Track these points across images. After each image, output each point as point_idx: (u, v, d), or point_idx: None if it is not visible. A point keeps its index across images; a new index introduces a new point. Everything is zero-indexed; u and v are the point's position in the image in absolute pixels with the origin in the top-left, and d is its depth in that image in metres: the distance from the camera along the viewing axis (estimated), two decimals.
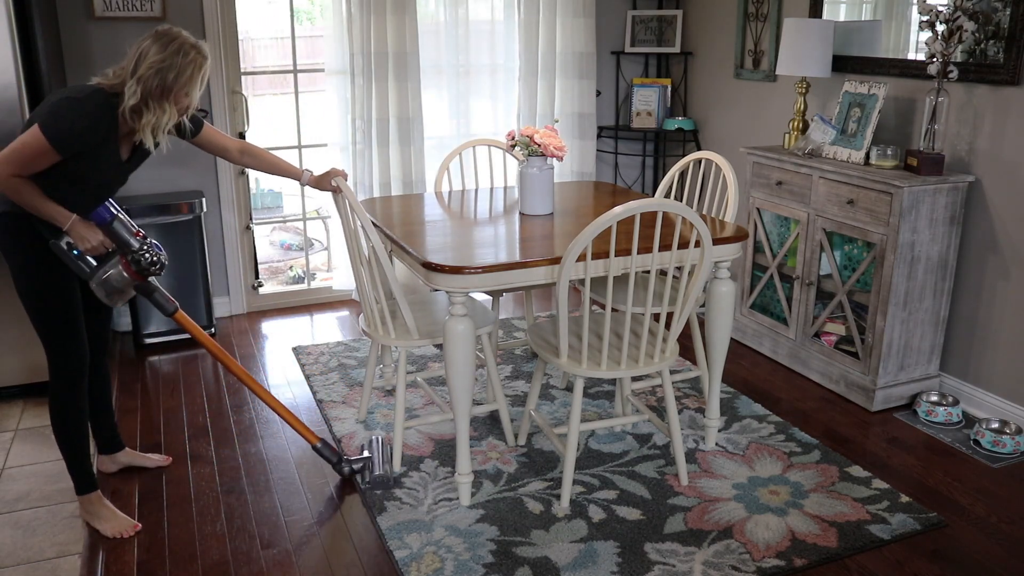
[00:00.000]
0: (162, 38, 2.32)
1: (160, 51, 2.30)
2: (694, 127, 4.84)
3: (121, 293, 2.50)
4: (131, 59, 2.32)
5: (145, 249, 2.47)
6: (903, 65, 3.50)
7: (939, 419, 3.28)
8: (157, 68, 2.29)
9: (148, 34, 2.35)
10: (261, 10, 7.00)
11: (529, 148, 2.98)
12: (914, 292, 3.29)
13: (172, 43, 2.32)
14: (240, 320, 4.46)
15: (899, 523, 2.62)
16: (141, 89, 2.29)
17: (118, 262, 2.46)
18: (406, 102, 4.37)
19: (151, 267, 2.49)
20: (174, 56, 2.30)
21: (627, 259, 2.55)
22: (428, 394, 3.19)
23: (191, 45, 2.34)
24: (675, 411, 2.76)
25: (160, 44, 2.31)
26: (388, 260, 2.75)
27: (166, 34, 2.34)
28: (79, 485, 2.62)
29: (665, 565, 2.42)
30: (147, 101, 2.30)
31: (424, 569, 2.40)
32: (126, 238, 2.44)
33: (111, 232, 2.41)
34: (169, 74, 2.30)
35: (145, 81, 2.28)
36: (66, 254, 2.39)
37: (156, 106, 2.32)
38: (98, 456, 2.94)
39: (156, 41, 2.32)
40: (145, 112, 2.31)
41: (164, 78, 2.30)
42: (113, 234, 2.42)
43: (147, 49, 2.31)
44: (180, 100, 2.37)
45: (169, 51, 2.30)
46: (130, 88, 2.29)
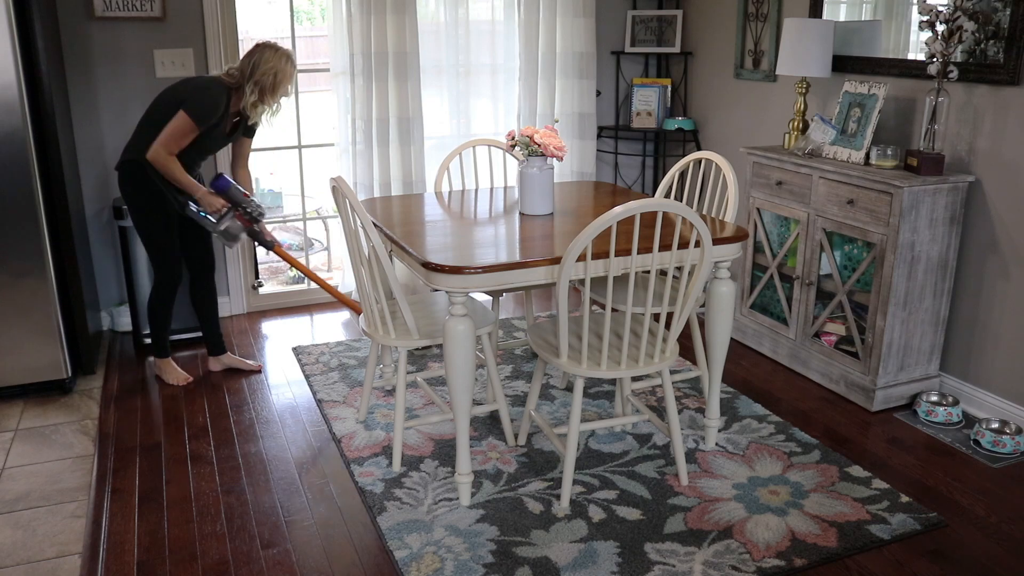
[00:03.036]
0: (269, 49, 3.28)
1: (270, 59, 3.25)
2: (694, 127, 4.84)
3: (236, 238, 3.44)
4: (247, 66, 3.26)
5: (250, 203, 3.42)
6: (903, 65, 3.50)
7: (939, 419, 3.28)
8: (268, 71, 3.25)
9: (257, 47, 3.29)
10: (261, 10, 7.01)
11: (529, 148, 2.98)
12: (914, 292, 3.29)
13: (276, 52, 3.27)
14: (240, 320, 4.46)
15: (899, 523, 2.62)
16: (258, 88, 3.26)
17: (233, 215, 3.40)
18: (406, 102, 4.37)
19: (258, 216, 3.45)
20: (278, 62, 3.26)
21: (627, 259, 2.55)
22: (428, 394, 3.19)
23: (286, 54, 3.30)
24: (675, 411, 2.76)
25: (269, 53, 3.26)
26: (388, 260, 2.75)
27: (271, 46, 3.30)
28: (157, 352, 3.68)
29: (665, 565, 2.42)
30: (263, 96, 3.28)
31: (424, 569, 2.40)
32: (239, 198, 3.40)
33: (228, 196, 3.38)
34: (276, 76, 3.26)
35: (260, 82, 3.26)
36: (195, 214, 3.37)
37: (269, 98, 3.31)
38: (208, 358, 3.83)
39: (265, 51, 3.27)
40: (260, 104, 3.30)
41: (274, 78, 3.26)
42: (230, 197, 3.38)
43: (258, 59, 3.25)
44: (280, 94, 3.32)
45: (278, 57, 3.26)
46: (249, 88, 3.27)
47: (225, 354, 3.81)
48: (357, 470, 2.94)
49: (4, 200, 3.27)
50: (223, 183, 3.36)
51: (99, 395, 3.55)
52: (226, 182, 3.37)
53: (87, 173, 4.08)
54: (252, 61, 3.26)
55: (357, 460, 3.00)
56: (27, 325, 3.41)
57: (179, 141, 3.21)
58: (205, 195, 3.33)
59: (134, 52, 4.01)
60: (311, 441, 3.18)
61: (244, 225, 3.43)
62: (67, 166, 3.57)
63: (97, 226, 4.18)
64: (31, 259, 3.35)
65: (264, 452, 3.10)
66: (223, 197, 3.38)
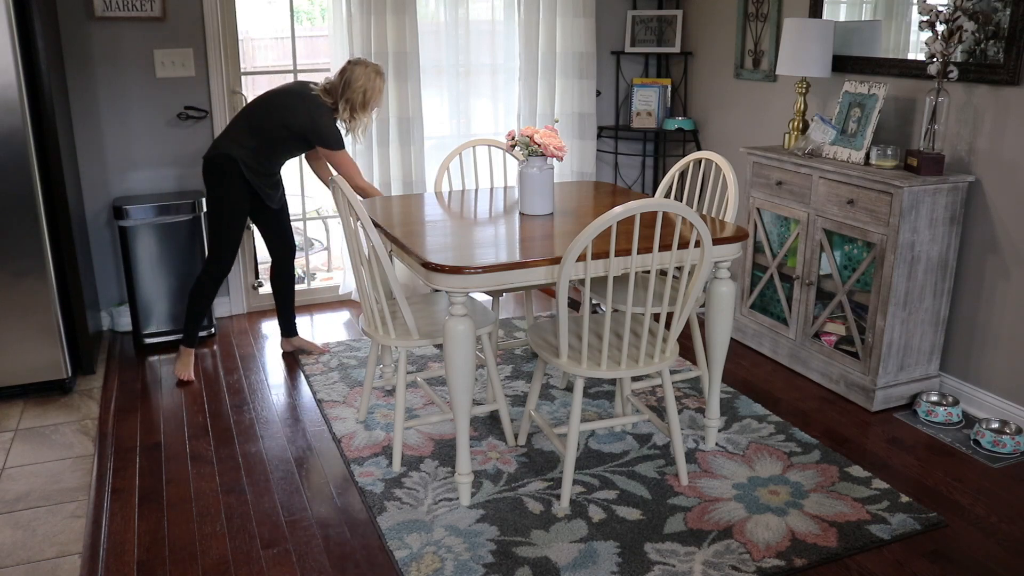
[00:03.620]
0: (359, 66, 3.42)
1: (359, 77, 3.39)
2: (694, 127, 4.84)
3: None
4: (339, 83, 3.42)
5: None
6: (903, 65, 3.49)
7: (939, 419, 3.28)
8: (359, 89, 3.40)
9: (348, 64, 3.44)
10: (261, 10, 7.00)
11: (529, 148, 2.98)
12: (914, 292, 3.29)
13: (366, 69, 3.41)
14: (240, 320, 4.46)
15: (899, 523, 2.62)
16: (349, 106, 3.43)
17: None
18: (406, 102, 4.37)
19: None
20: (367, 79, 3.40)
21: (627, 259, 2.55)
22: (428, 394, 3.19)
23: (376, 70, 3.43)
24: (675, 411, 2.76)
25: (359, 71, 3.40)
26: (388, 260, 2.75)
27: (361, 63, 3.43)
28: (186, 340, 3.76)
29: (665, 565, 2.42)
30: (354, 113, 3.44)
31: (424, 569, 2.40)
32: None
33: None
34: (367, 93, 3.41)
35: (351, 100, 3.42)
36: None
37: (360, 114, 3.46)
38: (281, 338, 4.00)
39: (356, 68, 3.41)
40: (352, 120, 3.47)
41: (364, 96, 3.41)
42: None
43: (349, 76, 3.40)
44: (371, 108, 3.47)
45: (366, 74, 3.40)
46: (342, 106, 3.44)
47: (296, 336, 3.99)
48: (357, 470, 2.94)
49: (4, 200, 3.27)
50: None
51: (99, 395, 3.56)
52: None
53: (87, 173, 4.08)
54: (344, 79, 3.41)
55: (357, 460, 3.00)
56: (27, 325, 3.41)
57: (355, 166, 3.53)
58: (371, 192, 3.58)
59: (134, 52, 4.01)
60: (311, 441, 3.18)
61: None
62: (67, 166, 3.57)
63: (97, 226, 4.18)
64: (31, 259, 3.35)
65: (264, 452, 3.10)
66: None
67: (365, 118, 3.48)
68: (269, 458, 3.06)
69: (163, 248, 3.96)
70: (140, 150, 4.14)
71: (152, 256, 3.96)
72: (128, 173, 4.15)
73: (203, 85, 4.16)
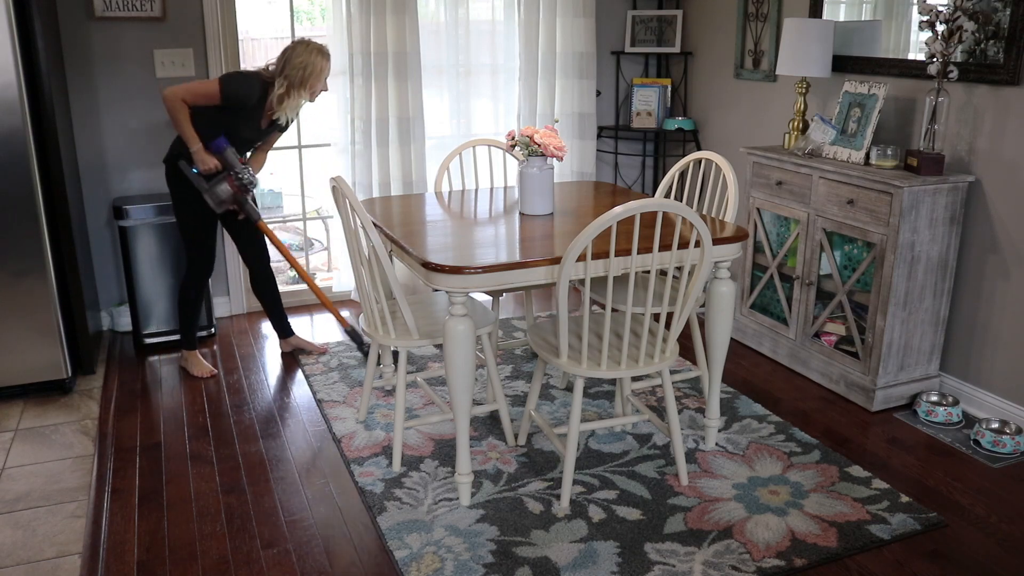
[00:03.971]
0: (302, 44, 3.33)
1: (301, 54, 3.31)
2: (694, 127, 4.84)
3: (223, 202, 3.47)
4: (280, 61, 3.34)
5: (245, 171, 3.46)
6: (903, 65, 3.50)
7: (939, 419, 3.28)
8: (298, 66, 3.30)
9: (292, 43, 3.36)
10: (261, 10, 7.00)
11: (529, 148, 2.98)
12: (914, 292, 3.29)
13: (308, 47, 3.33)
14: (240, 320, 4.46)
15: (899, 523, 2.62)
16: (287, 82, 3.32)
17: (225, 179, 3.43)
18: (406, 102, 4.37)
19: (249, 184, 3.49)
20: (308, 56, 3.31)
21: (627, 259, 2.55)
22: (428, 394, 3.19)
23: (318, 49, 3.34)
24: (675, 411, 2.76)
25: (301, 48, 3.32)
26: (388, 260, 2.75)
27: (304, 41, 3.35)
28: (185, 343, 3.77)
29: (665, 565, 2.42)
30: (289, 90, 3.34)
31: (424, 569, 2.40)
32: (233, 162, 3.43)
33: (223, 158, 3.41)
34: (306, 70, 3.31)
35: (289, 76, 3.32)
36: (188, 170, 3.41)
37: (296, 93, 3.35)
38: (279, 340, 3.98)
39: (298, 47, 3.33)
40: (287, 98, 3.35)
41: (303, 72, 3.31)
42: (224, 159, 3.41)
43: (291, 54, 3.32)
44: (313, 87, 3.37)
45: (308, 51, 3.31)
46: (279, 82, 3.33)
47: (293, 336, 3.97)
48: (357, 470, 2.94)
49: (4, 200, 3.27)
50: (220, 144, 3.39)
51: (99, 395, 3.56)
52: (223, 144, 3.39)
53: (87, 173, 4.08)
54: (286, 56, 3.34)
55: (357, 460, 3.00)
56: (27, 325, 3.41)
57: (196, 95, 3.30)
58: (200, 151, 3.38)
59: (134, 52, 4.01)
60: (311, 441, 3.18)
61: (234, 191, 3.46)
62: (67, 166, 3.57)
63: (97, 226, 4.18)
64: (31, 259, 3.35)
65: (264, 452, 3.10)
66: (218, 158, 3.41)
67: (301, 98, 3.38)
68: (269, 458, 3.06)
69: (163, 248, 3.96)
70: (140, 150, 4.14)
71: (152, 256, 3.96)
72: (128, 173, 4.15)
73: None
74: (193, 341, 3.78)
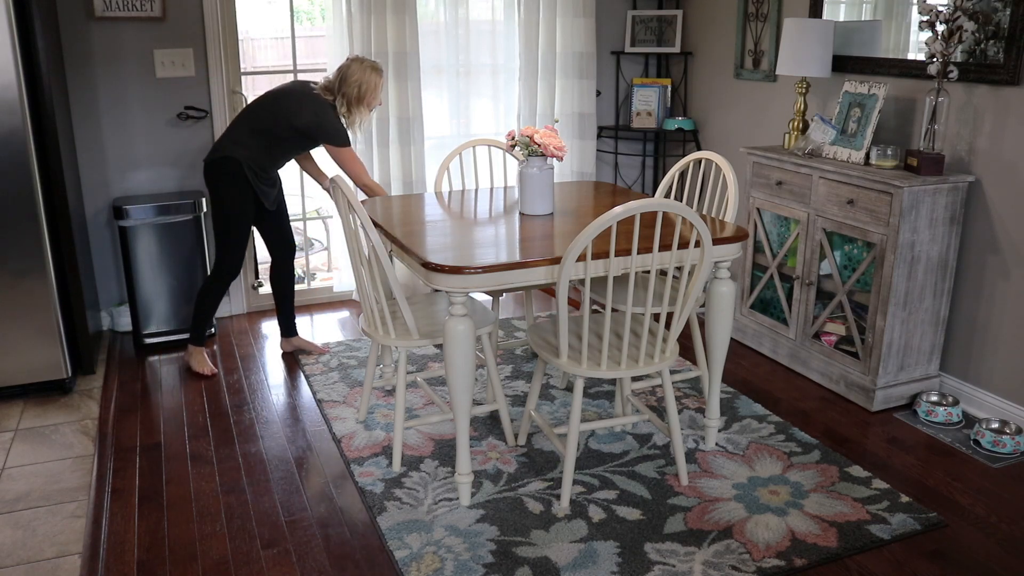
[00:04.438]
0: (356, 62, 3.46)
1: (355, 72, 3.43)
2: (694, 127, 4.84)
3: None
4: (336, 79, 3.47)
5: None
6: (903, 65, 3.49)
7: (939, 419, 3.28)
8: (354, 84, 3.43)
9: (347, 60, 3.49)
10: (261, 10, 7.00)
11: (529, 148, 2.98)
12: (914, 292, 3.29)
13: (362, 64, 3.46)
14: (240, 320, 4.46)
15: (899, 523, 2.62)
16: (346, 101, 3.46)
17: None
18: (406, 102, 4.37)
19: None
20: (363, 74, 3.44)
21: (627, 259, 2.55)
22: (428, 394, 3.19)
23: (372, 66, 3.47)
24: (675, 411, 2.76)
25: (355, 66, 3.45)
26: (388, 260, 2.75)
27: (358, 59, 3.48)
28: (194, 339, 3.78)
29: (665, 565, 2.42)
30: (350, 108, 3.47)
31: (424, 569, 2.40)
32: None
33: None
34: (362, 88, 3.44)
35: (347, 95, 3.45)
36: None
37: (356, 110, 3.49)
38: (280, 338, 4.01)
39: (352, 64, 3.46)
40: (348, 116, 3.49)
41: (359, 90, 3.44)
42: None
43: (346, 72, 3.45)
44: (370, 103, 3.51)
45: (362, 69, 3.44)
46: (339, 101, 3.47)
47: (296, 336, 4.01)
48: (357, 470, 2.94)
49: (4, 200, 3.27)
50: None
51: (99, 395, 3.56)
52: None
53: (87, 173, 4.08)
54: (341, 75, 3.46)
55: (357, 460, 3.00)
56: (27, 325, 3.41)
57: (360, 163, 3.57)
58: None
59: (134, 52, 4.01)
60: (311, 441, 3.18)
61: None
62: (67, 166, 3.57)
63: (97, 226, 4.18)
64: (31, 259, 3.35)
65: (264, 452, 3.10)
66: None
67: (361, 114, 3.50)
68: (269, 458, 3.06)
69: (163, 248, 3.96)
70: (140, 150, 4.14)
71: (152, 256, 3.96)
72: (128, 173, 4.15)
73: (203, 85, 4.16)
74: (202, 338, 3.81)
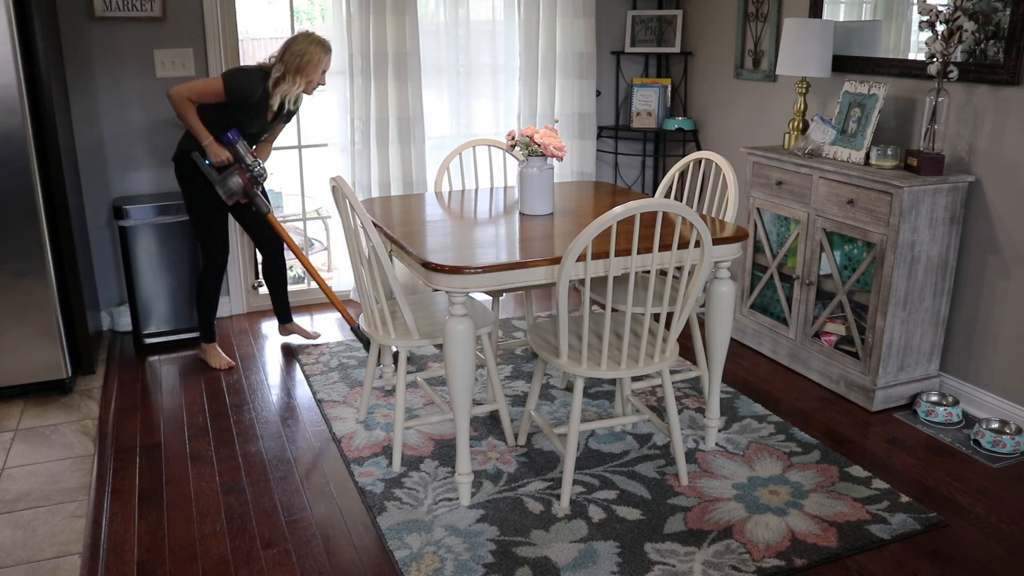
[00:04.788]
0: (303, 34, 3.46)
1: (301, 42, 3.42)
2: (694, 127, 4.84)
3: (234, 193, 3.58)
4: (281, 49, 3.46)
5: (256, 164, 3.59)
6: (903, 65, 3.49)
7: (939, 419, 3.28)
8: (297, 53, 3.42)
9: (296, 33, 3.49)
10: (261, 10, 7.00)
11: (529, 148, 2.98)
12: (914, 292, 3.29)
13: (308, 37, 3.45)
14: (240, 320, 4.46)
15: (899, 523, 2.62)
16: (284, 67, 3.43)
17: (236, 171, 3.55)
18: (406, 102, 4.37)
19: (259, 176, 3.62)
20: (307, 45, 3.43)
21: (627, 259, 2.55)
22: (428, 394, 3.19)
23: (319, 41, 3.46)
24: (675, 411, 2.76)
25: (301, 37, 3.44)
26: (388, 260, 2.75)
27: (306, 33, 3.48)
28: (204, 336, 3.87)
29: (665, 565, 2.42)
30: (285, 75, 3.44)
31: (424, 569, 2.40)
32: (244, 155, 3.54)
33: (234, 150, 3.52)
34: (303, 58, 3.42)
35: (287, 62, 3.43)
36: (201, 162, 3.53)
37: (291, 79, 3.44)
38: (278, 326, 4.14)
39: (299, 36, 3.45)
40: (282, 83, 3.45)
41: (300, 59, 3.42)
42: (235, 152, 3.52)
43: (291, 42, 3.45)
44: (310, 77, 3.48)
45: (307, 41, 3.43)
46: (277, 67, 3.45)
47: (292, 323, 4.13)
48: (357, 470, 2.94)
49: (4, 200, 3.27)
50: (231, 137, 3.50)
51: (99, 395, 3.56)
52: (235, 136, 3.50)
53: (87, 173, 4.08)
54: (287, 44, 3.48)
55: (357, 460, 3.00)
56: (27, 325, 3.41)
57: (201, 94, 3.43)
58: (212, 143, 3.49)
59: (134, 52, 4.01)
60: (311, 441, 3.18)
61: (244, 183, 3.57)
62: (67, 166, 3.57)
63: (97, 226, 4.18)
64: (31, 259, 3.35)
65: (264, 452, 3.10)
66: (229, 151, 3.52)
67: (297, 85, 3.47)
68: (269, 458, 3.06)
69: (163, 248, 3.96)
70: (140, 150, 4.14)
71: (152, 256, 3.96)
72: (128, 173, 4.15)
73: None
74: (212, 333, 3.87)
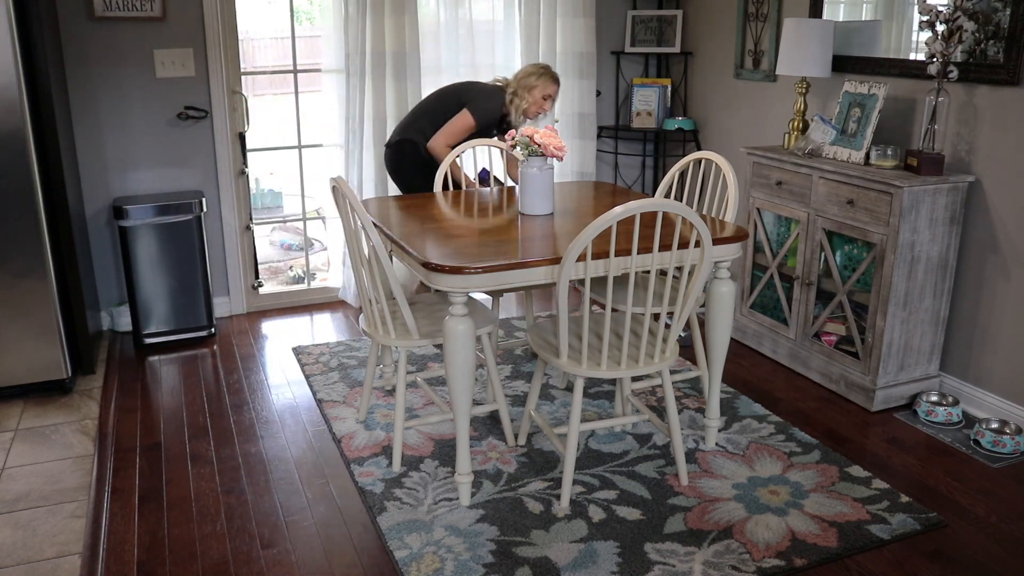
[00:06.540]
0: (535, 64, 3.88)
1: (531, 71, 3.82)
2: (694, 127, 4.84)
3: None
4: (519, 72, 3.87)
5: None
6: (903, 65, 3.49)
7: (939, 419, 3.28)
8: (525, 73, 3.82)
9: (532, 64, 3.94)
10: (261, 10, 7.00)
11: (529, 148, 2.98)
12: (914, 292, 3.29)
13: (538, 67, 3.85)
14: (240, 320, 4.46)
15: (899, 523, 2.62)
16: (517, 86, 3.80)
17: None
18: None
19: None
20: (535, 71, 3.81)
21: (627, 259, 2.55)
22: (428, 394, 3.19)
23: (546, 70, 3.84)
24: (675, 411, 2.76)
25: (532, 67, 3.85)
26: (388, 260, 2.75)
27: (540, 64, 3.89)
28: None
29: (665, 565, 2.42)
30: (517, 92, 3.79)
31: (424, 569, 2.40)
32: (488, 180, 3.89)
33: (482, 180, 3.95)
34: (531, 79, 3.79)
35: (519, 80, 3.81)
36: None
37: (521, 95, 3.79)
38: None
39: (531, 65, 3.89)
40: (515, 99, 3.80)
41: (526, 80, 3.80)
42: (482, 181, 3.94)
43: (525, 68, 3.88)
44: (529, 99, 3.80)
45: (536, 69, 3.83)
46: (510, 86, 3.83)
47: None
48: (357, 470, 2.94)
49: (4, 200, 3.27)
50: (484, 175, 3.88)
51: (99, 395, 3.55)
52: (485, 174, 3.87)
53: (87, 173, 4.08)
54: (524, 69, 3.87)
55: (357, 460, 3.00)
56: (27, 325, 3.41)
57: (458, 137, 3.71)
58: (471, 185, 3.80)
59: (134, 52, 4.01)
60: (311, 441, 3.18)
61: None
62: (67, 166, 3.57)
63: (97, 226, 4.18)
64: (31, 259, 3.35)
65: (264, 452, 3.10)
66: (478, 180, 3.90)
67: (524, 102, 3.79)
68: (269, 458, 3.06)
69: (163, 248, 3.96)
70: (140, 150, 4.14)
71: (152, 256, 3.96)
72: (128, 173, 4.15)
73: (203, 85, 4.16)
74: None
